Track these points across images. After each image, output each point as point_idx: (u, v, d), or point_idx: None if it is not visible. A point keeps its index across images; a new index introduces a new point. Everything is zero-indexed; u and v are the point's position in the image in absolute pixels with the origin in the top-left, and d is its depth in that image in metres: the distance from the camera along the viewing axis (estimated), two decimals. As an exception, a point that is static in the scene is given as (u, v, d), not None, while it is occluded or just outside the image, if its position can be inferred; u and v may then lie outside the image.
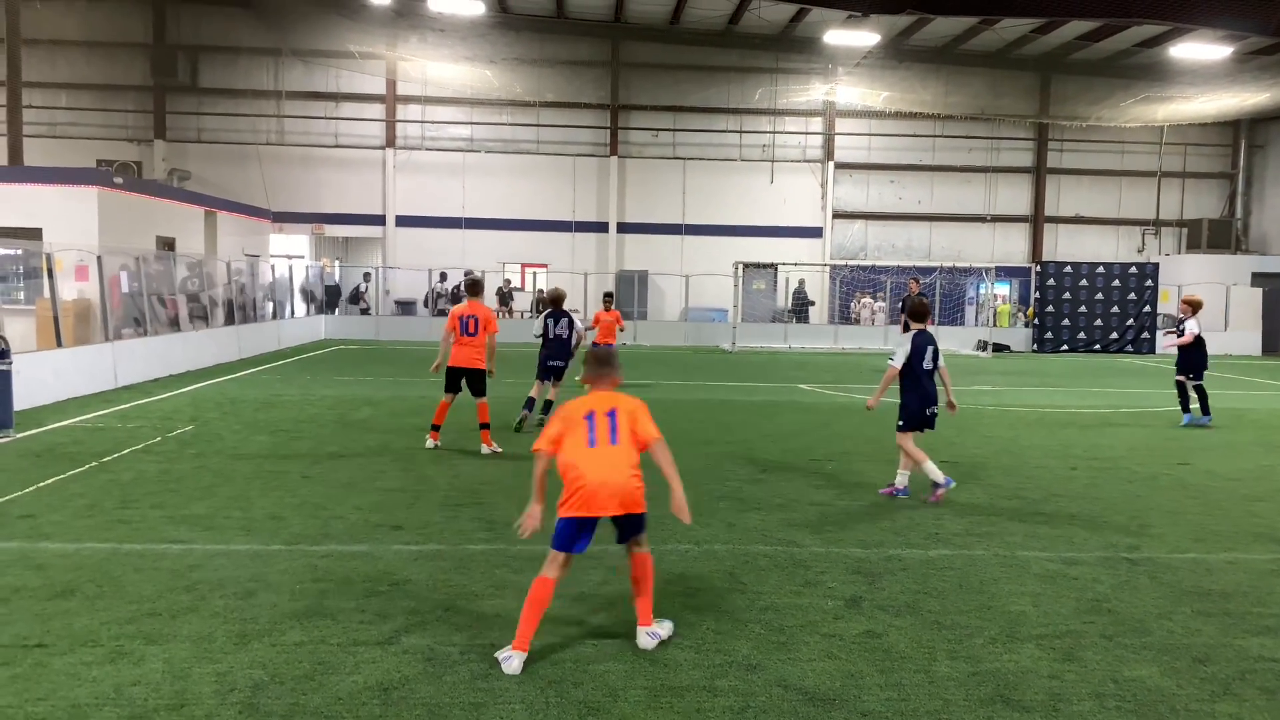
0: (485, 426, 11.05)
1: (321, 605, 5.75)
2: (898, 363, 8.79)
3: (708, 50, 33.64)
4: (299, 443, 11.30)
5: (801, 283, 34.20)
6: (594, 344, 17.00)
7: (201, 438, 11.49)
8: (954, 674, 4.94)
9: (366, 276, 33.21)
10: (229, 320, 22.88)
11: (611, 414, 5.32)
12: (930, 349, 8.84)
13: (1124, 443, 12.52)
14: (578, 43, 33.67)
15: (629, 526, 5.31)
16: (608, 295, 18.39)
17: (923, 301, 9.39)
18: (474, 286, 11.54)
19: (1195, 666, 5.10)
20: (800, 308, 33.94)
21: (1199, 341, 14.48)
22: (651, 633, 5.22)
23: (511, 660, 4.86)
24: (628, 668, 4.92)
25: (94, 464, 9.76)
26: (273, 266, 28.34)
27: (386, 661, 4.94)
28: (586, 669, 4.89)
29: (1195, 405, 14.33)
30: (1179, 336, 14.70)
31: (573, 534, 5.17)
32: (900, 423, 8.94)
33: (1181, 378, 14.53)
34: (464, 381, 11.13)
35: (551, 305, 13.19)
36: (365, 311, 32.44)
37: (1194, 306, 14.58)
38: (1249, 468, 10.89)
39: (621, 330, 18.36)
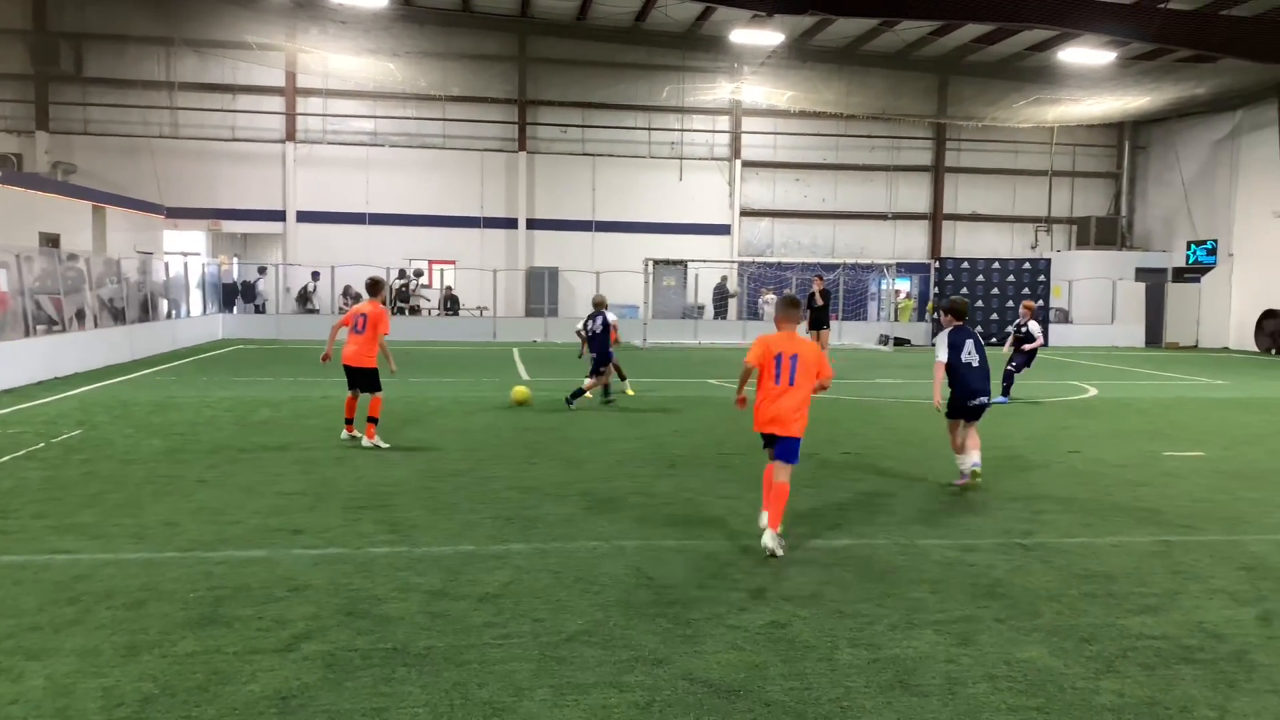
0: (371, 420, 11.10)
1: (217, 613, 5.56)
2: (941, 358, 9.16)
3: (615, 47, 33.63)
4: (195, 446, 10.91)
5: (724, 279, 34.52)
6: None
7: (90, 443, 11.00)
8: (855, 661, 5.04)
9: (315, 275, 31.96)
10: (120, 320, 21.96)
11: (794, 358, 6.99)
12: (970, 342, 9.23)
13: (1020, 432, 12.99)
14: (484, 37, 33.29)
15: (782, 447, 7.10)
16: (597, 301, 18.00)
17: (962, 300, 9.75)
18: (373, 286, 11.58)
19: (1081, 646, 5.31)
20: (722, 302, 34.27)
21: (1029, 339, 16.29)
22: (774, 537, 6.82)
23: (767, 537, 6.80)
24: (534, 667, 4.89)
25: (-30, 472, 9.25)
26: (167, 264, 27.29)
27: (285, 669, 4.81)
28: (492, 669, 4.84)
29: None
30: (1031, 341, 16.26)
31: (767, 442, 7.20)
32: (946, 412, 9.37)
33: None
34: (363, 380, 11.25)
35: (595, 308, 15.14)
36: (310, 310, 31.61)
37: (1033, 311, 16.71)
38: (1134, 454, 11.41)
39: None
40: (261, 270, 32.05)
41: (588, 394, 14.84)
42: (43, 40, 30.72)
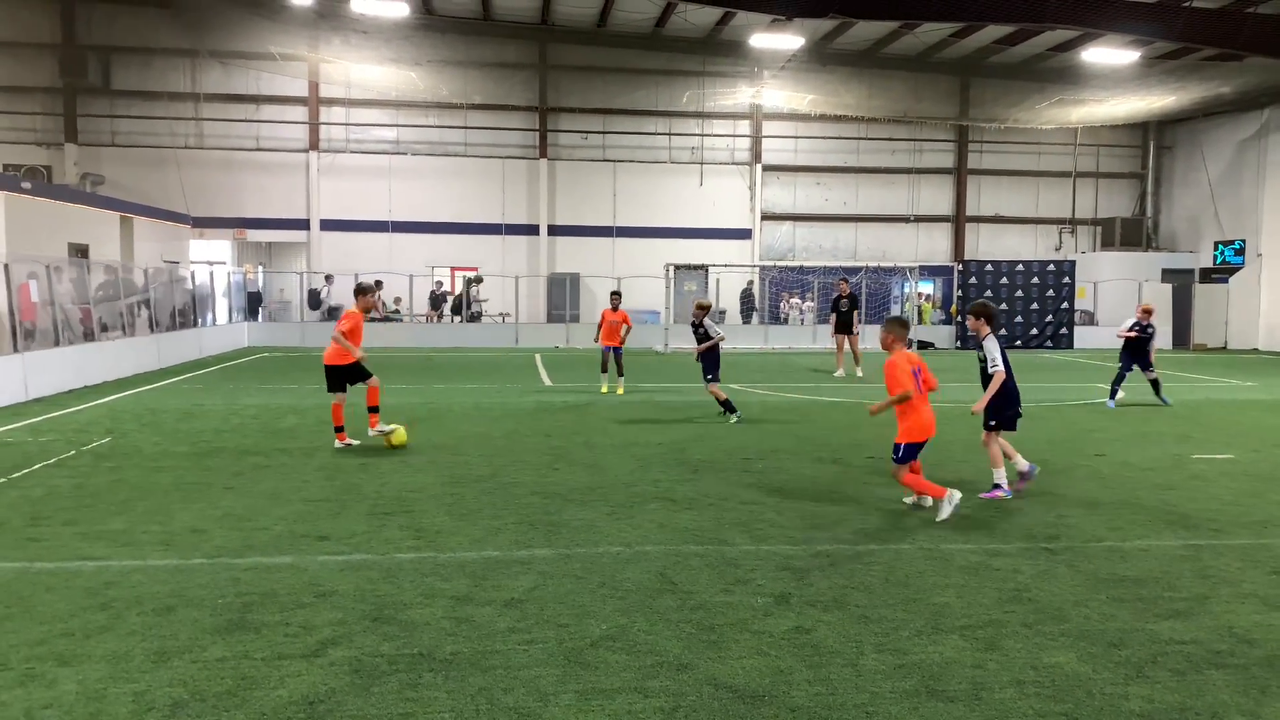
0: (372, 410, 11.67)
1: (245, 619, 5.61)
2: (1002, 368, 8.87)
3: (635, 53, 33.72)
4: (222, 454, 11.02)
5: (750, 284, 34.46)
6: (601, 344, 17.43)
7: (119, 450, 11.14)
8: (880, 667, 5.02)
9: (329, 279, 32.00)
10: (148, 329, 22.22)
11: (917, 370, 8.26)
12: (1005, 351, 9.07)
13: (1043, 436, 12.88)
14: (505, 45, 33.47)
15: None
16: (615, 294, 18.00)
17: (988, 303, 9.35)
18: (355, 290, 12.03)
19: (1110, 651, 5.26)
20: (748, 309, 34.25)
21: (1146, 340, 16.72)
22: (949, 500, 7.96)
23: (945, 505, 8.00)
24: (559, 672, 4.90)
25: (2, 481, 9.39)
26: (193, 273, 27.59)
27: (312, 674, 4.85)
28: (517, 675, 4.86)
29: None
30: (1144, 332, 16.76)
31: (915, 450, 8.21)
32: (992, 423, 9.05)
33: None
34: (341, 379, 11.69)
35: (703, 310, 14.67)
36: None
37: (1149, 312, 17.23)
38: (1160, 457, 11.29)
39: (628, 329, 17.53)
40: (329, 278, 32.05)
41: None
42: (71, 53, 31.17)
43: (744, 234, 35.79)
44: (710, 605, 5.93)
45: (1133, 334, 16.76)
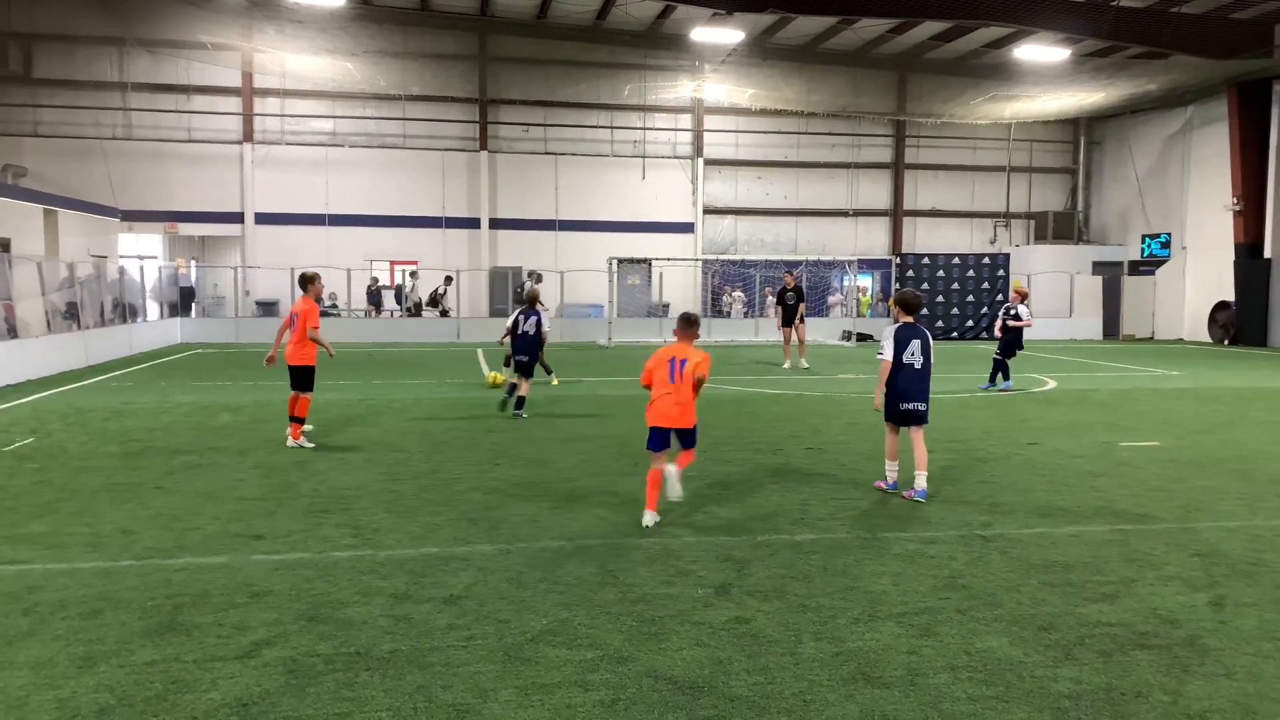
0: (295, 420, 11.16)
1: (175, 621, 5.48)
2: (887, 356, 8.51)
3: (577, 45, 33.58)
4: (152, 453, 10.75)
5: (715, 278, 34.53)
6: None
7: (43, 450, 10.80)
8: (818, 655, 5.08)
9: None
10: (74, 325, 21.56)
11: (683, 362, 7.95)
12: (917, 342, 8.56)
13: (978, 425, 13.14)
14: (443, 36, 33.08)
15: (684, 437, 7.98)
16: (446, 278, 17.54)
17: (915, 294, 8.91)
18: (301, 281, 11.51)
19: (1040, 635, 5.39)
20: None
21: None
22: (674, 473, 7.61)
23: (647, 517, 7.65)
24: (499, 668, 4.87)
25: (-81, 483, 9.04)
26: (122, 268, 26.84)
27: (246, 676, 4.75)
28: (456, 671, 4.82)
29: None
30: (1018, 320, 17.38)
31: (659, 438, 7.88)
32: (885, 415, 8.79)
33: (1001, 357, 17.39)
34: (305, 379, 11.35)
35: (528, 303, 13.85)
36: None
37: (1023, 295, 18.02)
38: (1092, 445, 11.59)
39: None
40: (448, 279, 31.80)
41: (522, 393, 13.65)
42: (-10, 41, 30.08)
43: (687, 228, 35.90)
44: (651, 597, 5.95)
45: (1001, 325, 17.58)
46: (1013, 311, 17.41)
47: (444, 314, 31.99)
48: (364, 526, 7.59)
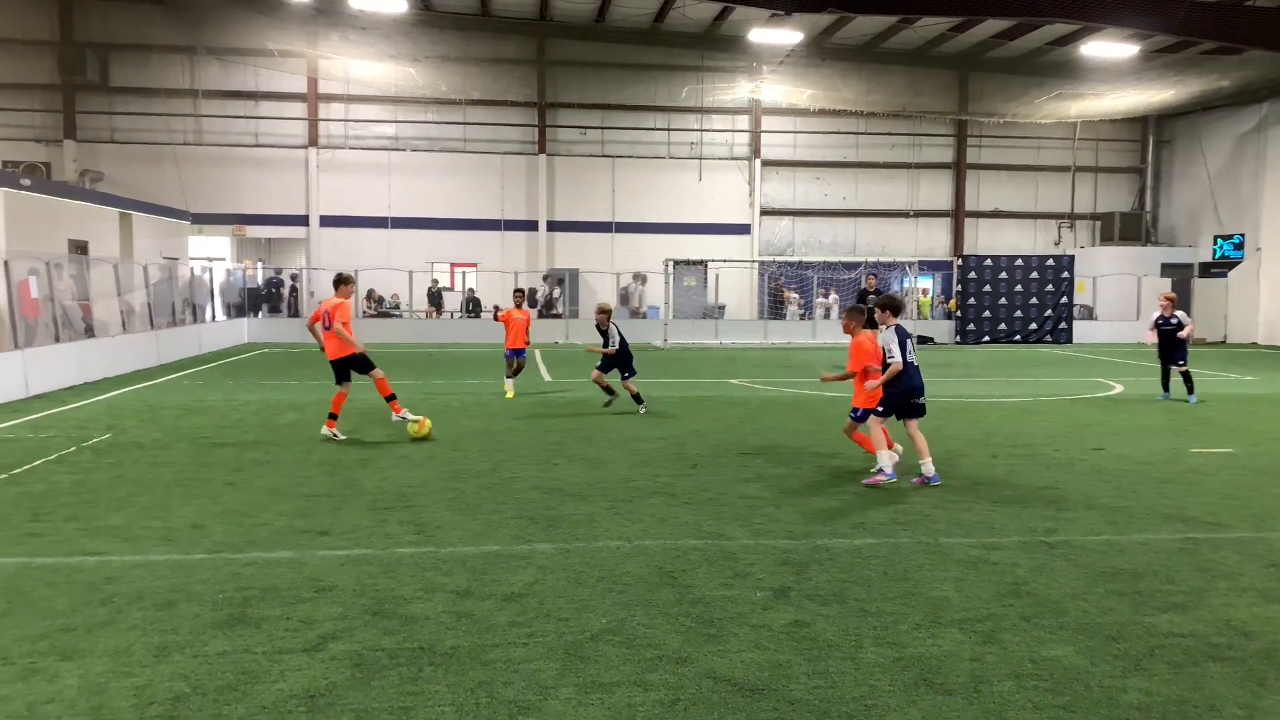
0: (390, 399, 12.02)
1: (245, 614, 5.63)
2: (898, 358, 9.18)
3: (634, 48, 33.68)
4: (222, 449, 11.03)
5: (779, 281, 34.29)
6: (506, 348, 16.37)
7: (119, 446, 11.15)
8: (879, 660, 5.04)
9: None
10: (148, 325, 22.22)
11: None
12: (910, 341, 9.47)
13: (1042, 430, 12.90)
14: (503, 41, 33.42)
15: None
16: (518, 291, 17.12)
17: (899, 296, 9.95)
18: (336, 281, 12.14)
19: (1108, 644, 5.28)
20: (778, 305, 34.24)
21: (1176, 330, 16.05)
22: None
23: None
24: (559, 666, 4.92)
25: (3, 477, 9.41)
26: (192, 269, 27.58)
27: (313, 669, 4.86)
28: (517, 669, 4.88)
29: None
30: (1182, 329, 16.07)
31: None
32: (879, 408, 9.38)
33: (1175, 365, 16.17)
34: (349, 370, 11.94)
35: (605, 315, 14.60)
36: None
37: (1172, 302, 16.42)
38: (1159, 451, 11.31)
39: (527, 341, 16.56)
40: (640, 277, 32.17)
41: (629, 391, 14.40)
42: (69, 51, 31.13)
43: (743, 229, 35.77)
44: (709, 599, 5.95)
45: (1154, 330, 16.35)
46: (1173, 320, 16.02)
47: (556, 316, 32.38)
48: (426, 524, 7.71)
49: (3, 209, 20.27)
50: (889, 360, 9.22)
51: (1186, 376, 16.01)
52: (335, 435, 11.65)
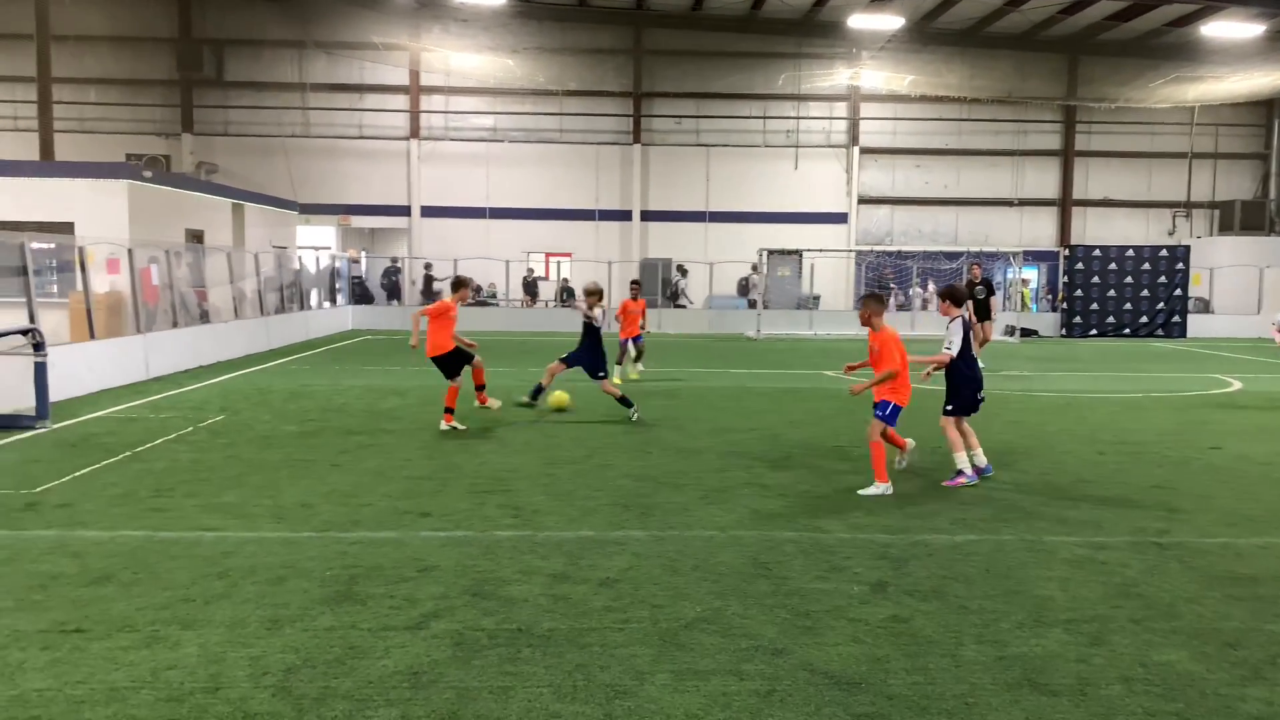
0: (478, 388, 12.39)
1: (351, 591, 5.82)
2: (955, 349, 8.75)
3: (730, 36, 33.49)
4: (328, 432, 11.41)
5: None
6: (620, 337, 16.92)
7: (232, 427, 11.64)
8: (980, 658, 4.93)
9: (428, 267, 32.45)
10: (258, 311, 23.11)
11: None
12: (970, 334, 8.89)
13: (1153, 427, 12.40)
14: (599, 31, 33.61)
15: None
16: (635, 283, 18.05)
17: (957, 286, 9.25)
18: (454, 284, 12.48)
19: (1225, 651, 5.06)
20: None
21: None
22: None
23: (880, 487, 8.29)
24: (654, 652, 4.95)
25: (127, 454, 9.92)
26: (300, 257, 28.55)
27: (415, 646, 5.01)
28: (613, 653, 4.93)
29: None
30: None
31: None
32: (949, 408, 8.96)
33: None
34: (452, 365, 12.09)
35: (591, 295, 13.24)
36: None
37: None
38: (1282, 452, 10.75)
39: (644, 327, 17.46)
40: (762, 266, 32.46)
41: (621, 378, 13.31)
42: (188, 47, 32.57)
43: (840, 218, 35.27)
44: (805, 591, 5.91)
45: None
46: None
47: (681, 307, 32.49)
48: (523, 507, 7.85)
49: (127, 200, 21.31)
50: (946, 349, 8.78)
51: None
52: (456, 427, 11.64)
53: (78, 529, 7.12)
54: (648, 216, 34.85)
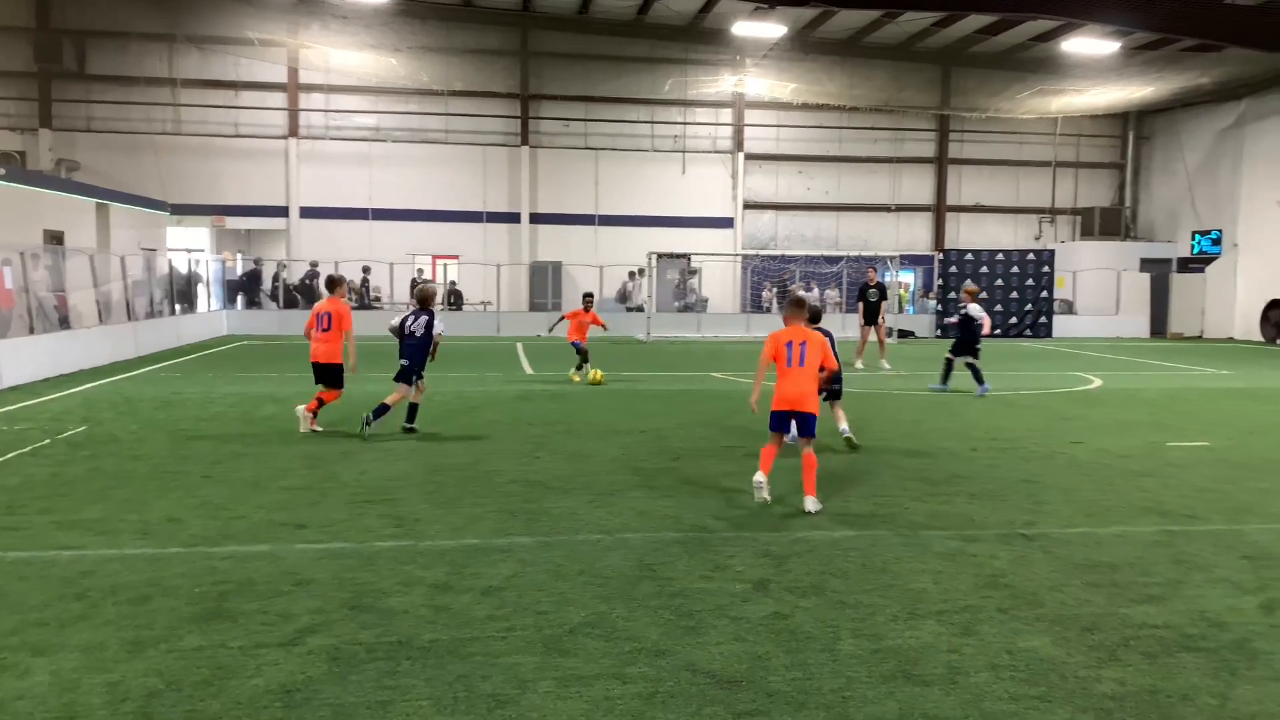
0: (319, 402, 11.62)
1: (221, 608, 5.59)
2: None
3: (618, 40, 33.58)
4: (200, 442, 10.95)
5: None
6: (572, 342, 17.76)
7: (95, 439, 11.04)
8: (857, 652, 5.06)
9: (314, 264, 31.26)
10: (125, 317, 22.00)
11: (802, 345, 7.98)
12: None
13: (1023, 424, 12.98)
14: (486, 31, 33.24)
15: (804, 423, 8.01)
16: (588, 295, 18.87)
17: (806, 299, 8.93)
18: (331, 283, 12.04)
19: (1084, 635, 5.32)
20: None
21: (967, 322, 16.11)
22: (813, 502, 7.87)
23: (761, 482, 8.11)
24: (537, 659, 4.91)
25: (-23, 469, 9.30)
26: (170, 260, 27.32)
27: (290, 663, 4.83)
28: (496, 662, 4.86)
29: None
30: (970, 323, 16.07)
31: (779, 421, 8.12)
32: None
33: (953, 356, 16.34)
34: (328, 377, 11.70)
35: (420, 302, 11.93)
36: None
37: (973, 295, 16.62)
38: (1138, 445, 11.40)
39: (604, 329, 18.90)
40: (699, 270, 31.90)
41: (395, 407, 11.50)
42: (46, 38, 30.75)
43: (726, 223, 35.78)
44: (689, 592, 5.95)
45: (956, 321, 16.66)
46: (963, 311, 16.19)
47: (633, 309, 32.05)
48: (406, 517, 7.68)
49: (-23, 198, 20.02)
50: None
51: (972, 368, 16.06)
52: (316, 430, 11.52)
53: (-82, 551, 6.63)
54: (537, 219, 34.64)
